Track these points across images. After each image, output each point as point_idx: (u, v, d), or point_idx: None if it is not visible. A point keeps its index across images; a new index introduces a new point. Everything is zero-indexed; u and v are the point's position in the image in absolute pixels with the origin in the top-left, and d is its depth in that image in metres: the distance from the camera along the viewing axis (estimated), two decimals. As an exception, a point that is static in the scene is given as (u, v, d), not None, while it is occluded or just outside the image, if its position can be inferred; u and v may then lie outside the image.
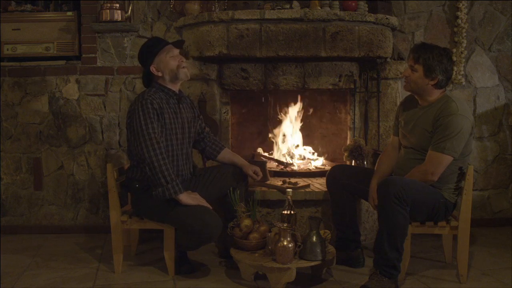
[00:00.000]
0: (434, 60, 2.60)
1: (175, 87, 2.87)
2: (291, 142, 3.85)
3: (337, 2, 3.42)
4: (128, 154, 2.92)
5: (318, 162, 3.77)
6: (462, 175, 2.66)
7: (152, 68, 2.78)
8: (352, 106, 3.64)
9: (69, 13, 3.69)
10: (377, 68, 3.52)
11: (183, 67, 2.82)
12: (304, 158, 3.78)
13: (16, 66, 3.69)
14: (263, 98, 3.96)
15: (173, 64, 2.80)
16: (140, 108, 2.67)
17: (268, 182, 3.34)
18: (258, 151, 3.85)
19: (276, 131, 3.90)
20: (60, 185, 3.76)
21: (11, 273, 2.89)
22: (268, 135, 3.97)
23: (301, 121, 3.89)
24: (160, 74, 2.80)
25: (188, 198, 2.64)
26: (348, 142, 3.65)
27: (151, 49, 2.79)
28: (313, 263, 2.57)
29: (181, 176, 2.85)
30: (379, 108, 3.55)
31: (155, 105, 2.69)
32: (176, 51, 2.85)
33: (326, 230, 2.80)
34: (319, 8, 3.33)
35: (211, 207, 2.67)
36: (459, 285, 2.69)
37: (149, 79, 2.86)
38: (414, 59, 2.65)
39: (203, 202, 2.67)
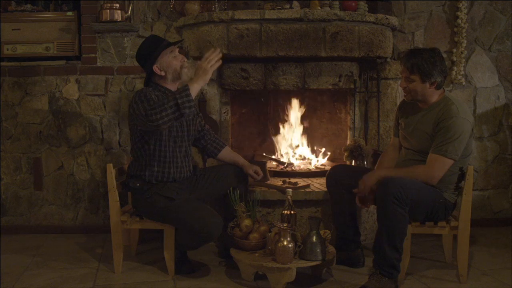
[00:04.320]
0: (428, 64, 2.57)
1: (174, 87, 2.86)
2: (292, 142, 3.85)
3: (337, 2, 3.42)
4: (130, 150, 2.92)
5: (321, 161, 3.77)
6: (462, 175, 2.66)
7: (155, 68, 2.77)
8: (352, 106, 3.64)
9: (69, 13, 3.69)
10: (377, 68, 3.53)
11: (185, 68, 2.82)
12: (304, 158, 3.79)
13: (16, 66, 3.69)
14: (263, 99, 3.96)
15: (176, 64, 2.79)
16: (138, 99, 2.63)
17: (268, 182, 3.34)
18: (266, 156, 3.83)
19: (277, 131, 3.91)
20: (60, 185, 3.76)
21: (11, 273, 2.89)
22: (268, 135, 3.97)
23: (301, 120, 3.89)
24: (163, 73, 2.79)
25: (195, 83, 2.59)
26: (348, 142, 3.65)
27: (154, 48, 2.77)
28: (313, 263, 2.57)
29: (181, 174, 2.85)
30: (379, 108, 3.55)
31: (153, 95, 2.68)
32: (177, 51, 2.85)
33: (326, 230, 2.80)
34: (319, 8, 3.33)
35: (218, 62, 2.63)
36: (459, 285, 2.69)
37: (148, 78, 2.86)
38: (408, 70, 2.61)
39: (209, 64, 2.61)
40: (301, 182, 3.42)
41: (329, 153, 3.83)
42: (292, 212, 2.68)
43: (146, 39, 2.92)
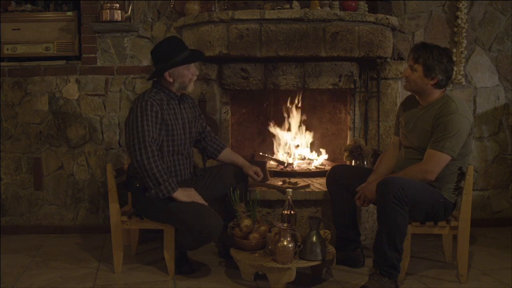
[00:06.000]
0: (434, 60, 2.60)
1: (178, 92, 2.87)
2: (293, 143, 3.85)
3: (337, 2, 3.42)
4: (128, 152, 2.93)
5: (321, 158, 3.77)
6: (462, 175, 2.66)
7: (166, 74, 2.77)
8: (352, 106, 3.64)
9: (69, 13, 3.69)
10: (377, 68, 3.53)
11: (193, 81, 2.84)
12: (304, 158, 3.79)
13: (16, 66, 3.69)
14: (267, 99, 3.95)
15: (186, 76, 2.80)
16: (139, 109, 2.67)
17: (268, 182, 3.34)
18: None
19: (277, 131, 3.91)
20: (60, 185, 3.76)
21: (11, 273, 2.89)
22: (268, 135, 3.97)
23: (301, 121, 3.89)
24: (171, 80, 2.79)
25: (182, 195, 2.66)
26: (348, 142, 3.65)
27: (174, 55, 2.74)
28: (313, 263, 2.57)
29: (181, 176, 2.86)
30: (379, 108, 3.55)
31: (154, 107, 2.68)
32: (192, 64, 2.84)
33: (326, 230, 2.80)
34: (319, 8, 3.33)
35: (206, 203, 2.69)
36: (459, 285, 2.69)
37: (155, 75, 2.85)
38: (414, 59, 2.65)
39: (198, 199, 2.69)
40: (301, 182, 3.42)
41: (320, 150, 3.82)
42: (292, 212, 2.68)
43: (170, 40, 2.86)
